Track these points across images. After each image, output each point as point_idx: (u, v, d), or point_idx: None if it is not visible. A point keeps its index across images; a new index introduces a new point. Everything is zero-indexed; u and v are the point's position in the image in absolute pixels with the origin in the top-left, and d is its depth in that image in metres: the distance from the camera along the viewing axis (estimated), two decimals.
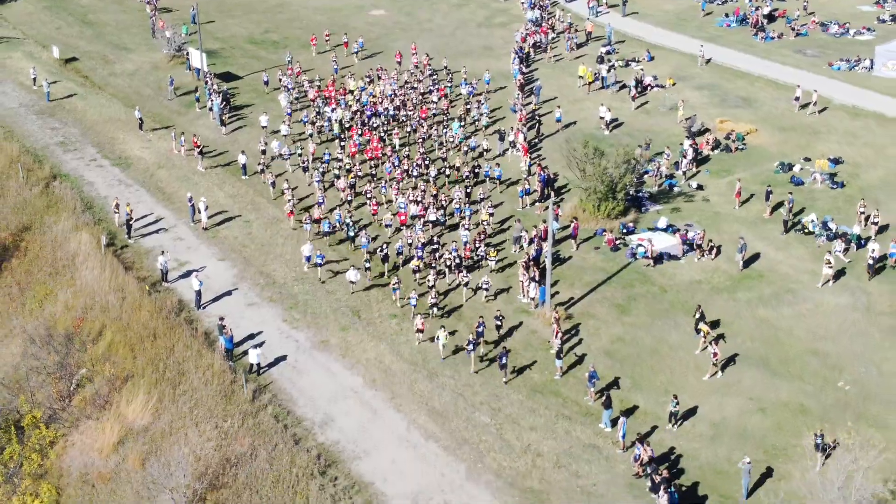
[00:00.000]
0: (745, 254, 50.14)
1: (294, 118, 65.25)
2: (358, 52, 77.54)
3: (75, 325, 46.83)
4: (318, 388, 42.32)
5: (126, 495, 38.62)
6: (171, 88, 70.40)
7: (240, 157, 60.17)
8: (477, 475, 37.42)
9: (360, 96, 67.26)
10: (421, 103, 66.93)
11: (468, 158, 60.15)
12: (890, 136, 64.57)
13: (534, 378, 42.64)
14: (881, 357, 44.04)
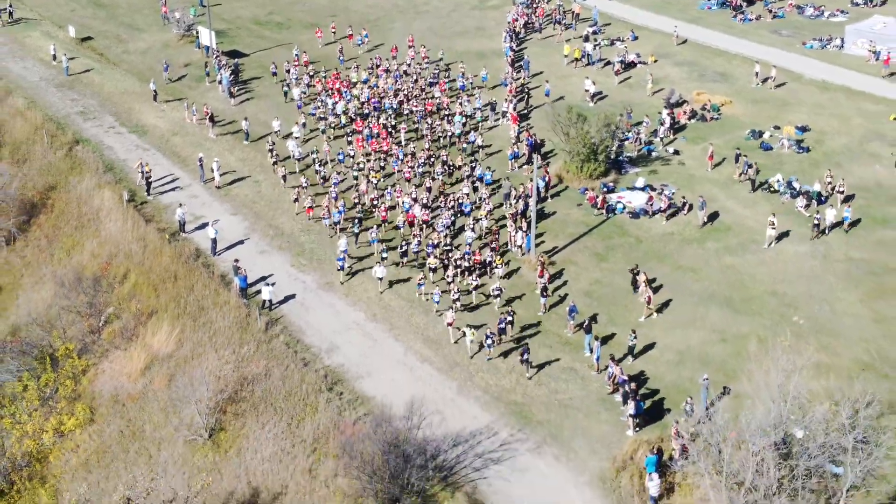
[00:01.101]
0: (706, 211, 54.64)
1: (305, 111, 66.89)
2: (362, 43, 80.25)
3: (102, 269, 51.37)
4: (323, 322, 46.86)
5: (153, 411, 43.25)
6: (165, 74, 73.68)
7: (242, 123, 64.72)
8: (467, 391, 42.04)
9: (363, 89, 68.51)
10: (424, 97, 67.92)
11: (465, 154, 61.55)
12: (855, 108, 69.19)
13: (519, 313, 47.11)
14: (834, 297, 48.57)
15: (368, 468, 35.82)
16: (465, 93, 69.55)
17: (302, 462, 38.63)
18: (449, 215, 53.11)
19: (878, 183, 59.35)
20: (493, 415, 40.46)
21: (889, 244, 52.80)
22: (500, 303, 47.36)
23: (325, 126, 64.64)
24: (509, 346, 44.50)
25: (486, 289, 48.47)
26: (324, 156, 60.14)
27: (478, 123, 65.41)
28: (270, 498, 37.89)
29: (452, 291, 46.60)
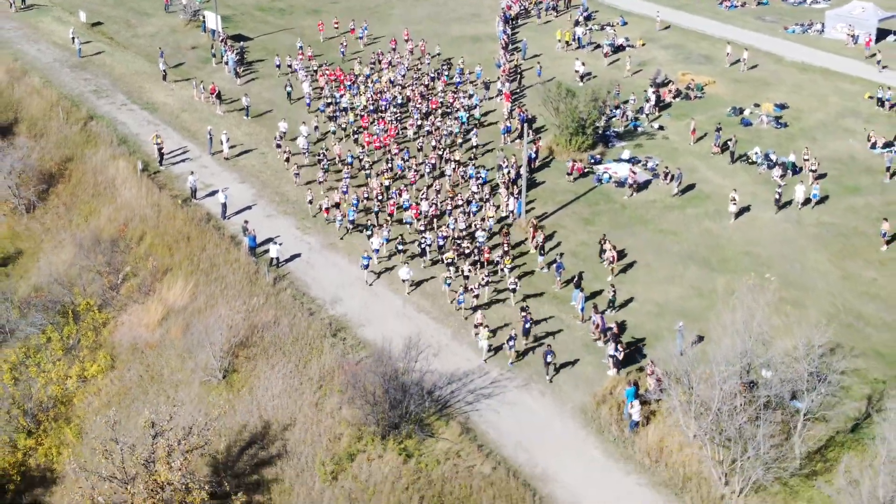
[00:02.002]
0: (682, 182, 58.07)
1: (312, 107, 68.18)
2: (363, 36, 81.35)
3: (119, 231, 54.74)
4: (327, 278, 50.30)
5: (170, 357, 46.67)
6: (161, 60, 75.85)
7: (243, 99, 68.10)
8: (461, 337, 45.51)
9: (368, 84, 69.85)
10: (429, 94, 68.97)
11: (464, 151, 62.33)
12: (832, 87, 72.70)
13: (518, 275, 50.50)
14: (804, 257, 52.04)
15: (370, 399, 39.20)
16: (461, 88, 70.98)
17: (309, 397, 42.01)
18: (463, 218, 53.15)
19: (851, 156, 62.81)
20: (489, 360, 43.88)
21: (858, 210, 56.26)
22: (517, 298, 47.65)
23: (336, 127, 64.61)
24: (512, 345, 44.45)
25: (494, 286, 49.04)
26: (333, 156, 60.34)
27: (476, 121, 66.11)
28: (280, 429, 41.28)
29: (474, 289, 46.65)
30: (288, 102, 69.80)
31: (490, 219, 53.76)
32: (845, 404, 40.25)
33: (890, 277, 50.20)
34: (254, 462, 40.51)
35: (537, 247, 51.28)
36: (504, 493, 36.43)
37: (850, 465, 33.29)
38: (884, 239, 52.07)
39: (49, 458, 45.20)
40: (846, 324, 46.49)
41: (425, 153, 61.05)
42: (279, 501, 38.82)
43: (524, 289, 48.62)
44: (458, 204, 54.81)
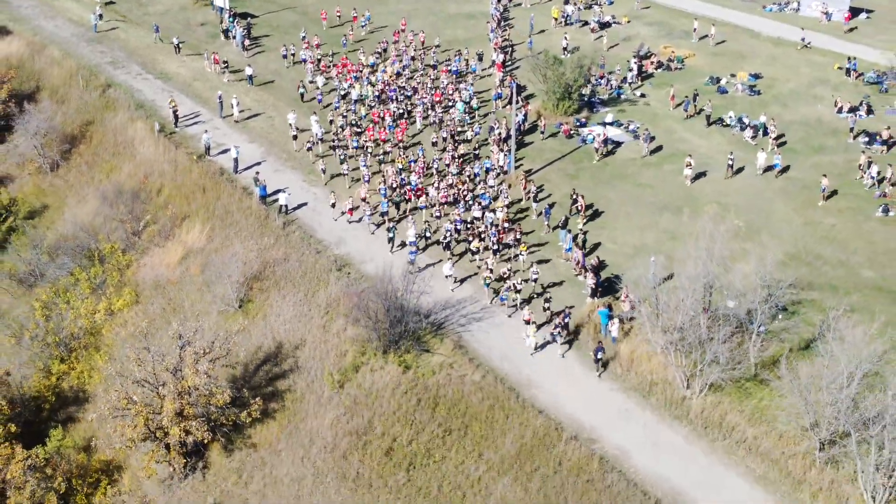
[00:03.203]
0: (651, 143, 62.75)
1: (325, 101, 68.67)
2: (365, 25, 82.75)
3: (140, 183, 59.35)
4: (332, 224, 54.92)
5: (190, 291, 51.34)
6: (156, 35, 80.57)
7: (246, 69, 72.70)
8: (457, 269, 50.12)
9: (376, 75, 70.76)
10: (433, 86, 69.74)
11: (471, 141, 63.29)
12: (804, 60, 77.41)
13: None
14: (771, 207, 56.70)
15: (373, 318, 43.89)
16: (459, 77, 72.45)
17: (317, 321, 46.72)
18: (478, 207, 54.22)
19: (819, 119, 67.51)
20: (477, 287, 48.58)
21: (822, 166, 60.92)
22: (538, 289, 48.20)
23: (345, 123, 64.32)
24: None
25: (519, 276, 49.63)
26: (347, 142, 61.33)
27: (475, 112, 67.27)
28: (292, 348, 45.99)
29: (514, 283, 47.14)
30: (301, 102, 69.39)
31: (501, 209, 54.18)
32: (800, 328, 44.84)
33: (847, 224, 54.84)
34: (269, 376, 45.20)
35: (530, 195, 55.89)
36: (491, 396, 41.10)
37: (793, 360, 37.99)
38: (823, 194, 56.52)
39: (81, 381, 49.81)
40: (806, 262, 51.10)
41: (438, 145, 62.18)
42: (292, 408, 43.47)
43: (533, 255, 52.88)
44: (467, 192, 55.65)
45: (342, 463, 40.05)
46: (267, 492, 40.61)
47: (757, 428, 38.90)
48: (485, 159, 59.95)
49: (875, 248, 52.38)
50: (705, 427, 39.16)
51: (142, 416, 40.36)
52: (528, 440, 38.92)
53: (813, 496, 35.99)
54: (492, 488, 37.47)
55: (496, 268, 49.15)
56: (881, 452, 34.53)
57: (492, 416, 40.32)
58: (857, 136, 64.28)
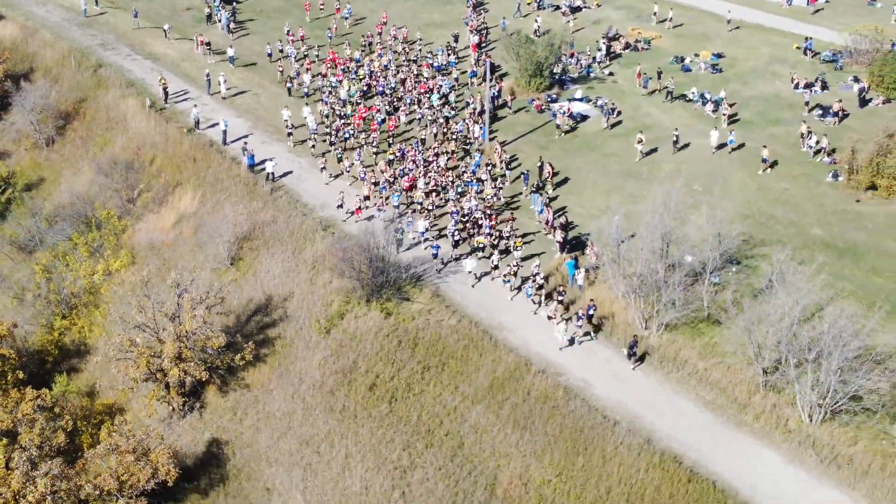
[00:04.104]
0: (611, 118, 66.49)
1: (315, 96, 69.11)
2: (348, 17, 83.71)
3: (134, 153, 62.58)
4: (317, 190, 58.32)
5: (184, 251, 54.70)
6: (136, 20, 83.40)
7: (228, 50, 75.81)
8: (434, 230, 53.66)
9: (360, 68, 71.60)
10: (416, 79, 70.66)
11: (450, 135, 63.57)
12: (764, 41, 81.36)
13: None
14: (728, 175, 60.44)
15: (357, 269, 47.43)
16: (440, 72, 73.34)
17: (304, 275, 50.23)
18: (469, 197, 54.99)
19: (776, 94, 71.44)
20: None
21: (777, 137, 64.78)
22: (538, 284, 48.12)
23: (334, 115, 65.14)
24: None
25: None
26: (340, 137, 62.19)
27: (456, 106, 67.87)
28: (281, 300, 49.48)
29: (535, 281, 47.51)
30: (288, 97, 70.03)
31: (490, 196, 55.46)
32: (751, 278, 48.69)
33: (799, 188, 58.73)
34: (260, 325, 48.69)
35: (504, 163, 59.56)
36: (466, 337, 44.76)
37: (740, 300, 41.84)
38: (764, 164, 60.24)
39: (82, 335, 53.11)
40: (759, 222, 54.95)
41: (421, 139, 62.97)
42: (282, 352, 46.99)
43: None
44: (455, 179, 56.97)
45: (329, 398, 43.58)
46: (260, 425, 44.08)
47: (707, 361, 42.70)
48: (474, 152, 61.36)
49: (824, 210, 56.27)
50: (661, 361, 42.90)
51: (144, 357, 43.74)
52: (499, 374, 42.56)
53: (756, 418, 39.79)
54: (466, 416, 41.10)
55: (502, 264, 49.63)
56: (816, 375, 38.36)
57: (466, 354, 43.95)
58: (812, 109, 68.15)
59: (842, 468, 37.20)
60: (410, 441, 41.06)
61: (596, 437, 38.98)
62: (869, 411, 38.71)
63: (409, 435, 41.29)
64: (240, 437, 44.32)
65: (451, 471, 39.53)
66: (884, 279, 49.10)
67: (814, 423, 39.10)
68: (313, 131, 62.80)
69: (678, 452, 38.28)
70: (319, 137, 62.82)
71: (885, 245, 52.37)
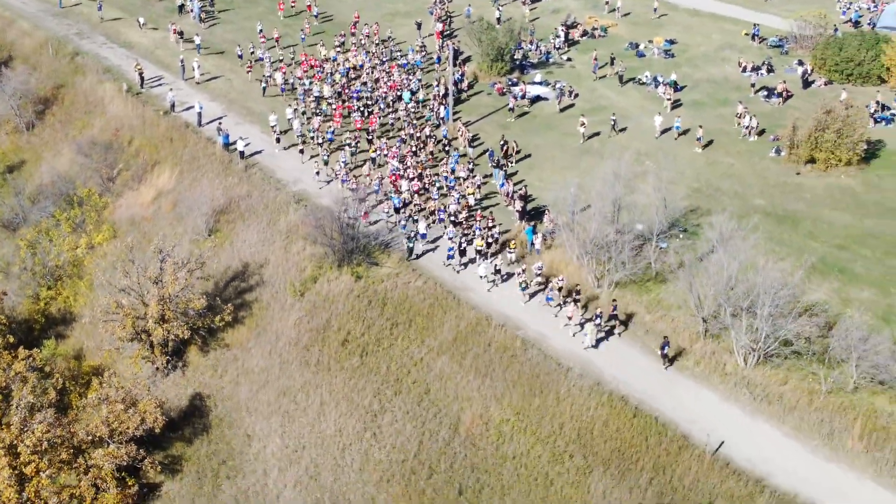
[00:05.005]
0: (563, 99, 70.13)
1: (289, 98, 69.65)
2: (318, 15, 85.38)
3: (113, 135, 65.41)
4: (289, 167, 61.35)
5: (163, 224, 57.65)
6: (100, 13, 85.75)
7: (195, 38, 78.50)
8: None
9: (336, 68, 72.22)
10: (388, 80, 71.17)
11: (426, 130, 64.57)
12: (717, 28, 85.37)
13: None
14: (677, 151, 64.11)
15: (329, 236, 50.67)
16: (407, 71, 74.13)
17: (279, 244, 53.41)
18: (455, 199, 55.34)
19: (725, 77, 75.42)
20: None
21: (725, 117, 68.65)
22: (540, 280, 49.19)
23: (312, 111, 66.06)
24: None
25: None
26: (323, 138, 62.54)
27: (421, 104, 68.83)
28: (257, 267, 52.63)
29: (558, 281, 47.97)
30: (262, 97, 70.64)
31: (472, 195, 56.16)
32: (697, 245, 52.37)
33: (745, 163, 62.58)
34: (238, 290, 51.83)
35: (468, 141, 63.02)
36: (432, 296, 48.17)
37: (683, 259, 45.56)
38: (699, 142, 63.89)
39: (67, 304, 55.92)
40: (707, 194, 58.71)
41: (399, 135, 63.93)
42: (259, 314, 50.17)
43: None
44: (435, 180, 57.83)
45: (304, 353, 46.85)
46: (240, 380, 47.27)
47: (653, 315, 46.41)
48: (453, 151, 62.47)
49: (767, 182, 60.14)
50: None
51: (129, 318, 46.74)
52: (462, 329, 46.01)
53: (696, 363, 43.50)
54: (432, 366, 44.54)
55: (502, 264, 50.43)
56: (750, 323, 42.14)
57: (432, 311, 47.37)
58: (758, 91, 72.19)
59: (773, 404, 40.88)
60: (380, 389, 44.39)
61: (550, 382, 42.47)
62: (798, 354, 42.43)
63: (379, 384, 44.61)
64: (221, 391, 47.42)
65: (418, 413, 42.90)
66: (819, 243, 52.96)
67: (748, 367, 42.84)
68: (299, 134, 63.12)
69: (625, 393, 41.85)
70: (309, 139, 63.02)
71: (821, 213, 56.27)
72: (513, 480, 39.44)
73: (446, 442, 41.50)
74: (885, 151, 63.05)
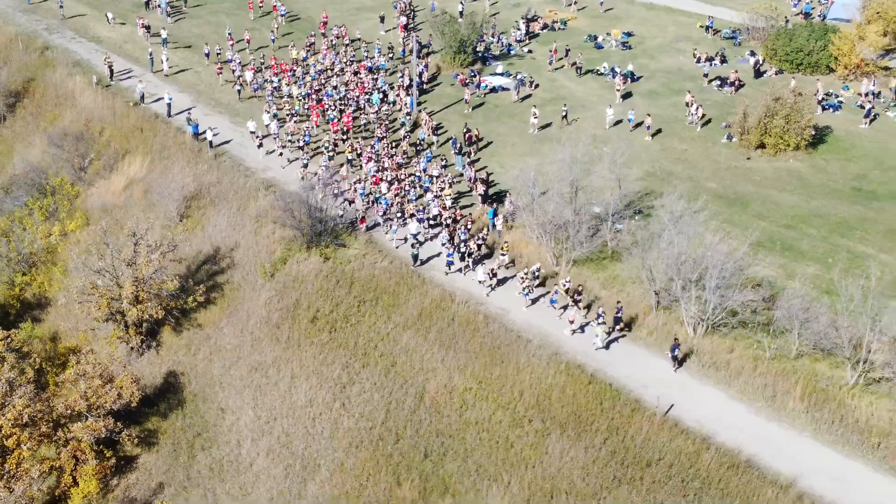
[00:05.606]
0: (525, 89, 72.39)
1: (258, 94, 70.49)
2: (285, 14, 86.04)
3: (84, 126, 66.83)
4: (257, 155, 63.07)
5: (135, 211, 59.11)
6: (61, 11, 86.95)
7: (162, 32, 79.91)
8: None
9: (307, 69, 72.92)
10: (357, 81, 71.67)
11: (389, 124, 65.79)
12: (672, 20, 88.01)
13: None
14: (634, 137, 66.41)
15: (297, 219, 52.53)
16: (373, 72, 74.13)
17: (249, 228, 55.20)
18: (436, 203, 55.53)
19: (680, 68, 78.00)
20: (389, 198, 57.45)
21: (679, 106, 71.09)
22: (535, 283, 49.11)
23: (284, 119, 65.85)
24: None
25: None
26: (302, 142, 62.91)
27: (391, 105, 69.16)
28: (228, 250, 54.40)
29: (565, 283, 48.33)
30: (241, 104, 70.56)
31: (448, 196, 56.54)
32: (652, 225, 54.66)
33: (698, 149, 65.07)
34: (210, 273, 53.60)
35: (432, 129, 65.05)
36: (397, 275, 50.18)
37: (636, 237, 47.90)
38: (648, 131, 66.29)
39: (42, 290, 57.40)
40: (661, 178, 61.06)
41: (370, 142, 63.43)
42: (231, 295, 51.98)
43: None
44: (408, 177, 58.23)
45: (275, 331, 48.74)
46: (213, 357, 49.08)
47: (609, 290, 48.72)
48: (427, 150, 62.99)
49: (719, 167, 62.68)
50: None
51: (105, 298, 48.39)
52: (427, 305, 48.08)
53: (649, 333, 45.83)
54: (398, 340, 46.59)
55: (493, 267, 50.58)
56: (699, 294, 44.55)
57: (398, 289, 49.40)
58: (711, 81, 74.81)
59: (720, 370, 43.28)
60: (349, 362, 46.36)
61: (511, 352, 44.63)
62: (744, 324, 44.90)
63: (347, 357, 46.58)
64: (194, 368, 49.19)
65: (385, 384, 44.93)
66: (767, 223, 55.49)
67: (697, 336, 45.25)
68: (275, 135, 63.33)
69: (582, 362, 44.09)
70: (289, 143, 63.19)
71: (770, 195, 58.83)
72: (475, 444, 41.51)
73: (412, 410, 43.53)
74: (833, 137, 65.71)
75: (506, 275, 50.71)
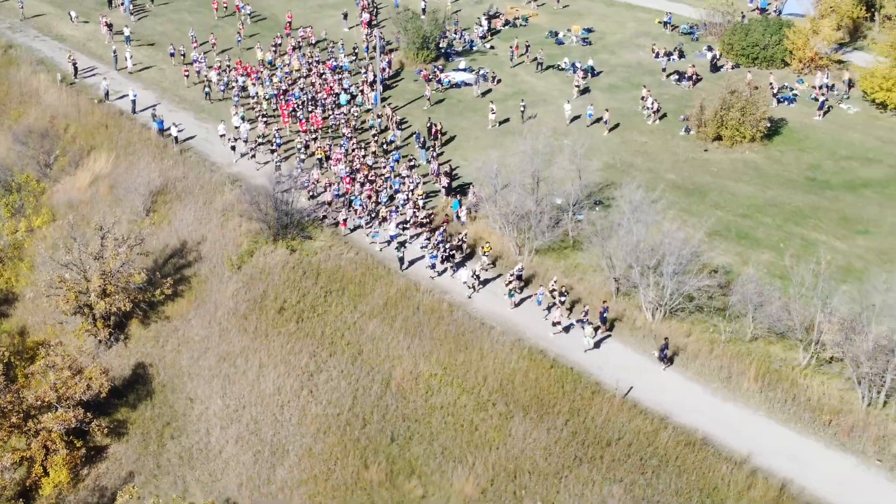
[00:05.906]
0: (481, 84, 73.49)
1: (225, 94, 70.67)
2: (251, 14, 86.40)
3: (49, 123, 67.08)
4: (223, 151, 63.72)
5: (101, 207, 59.57)
6: (21, 10, 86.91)
7: (125, 29, 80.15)
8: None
9: (273, 72, 73.05)
10: (323, 82, 71.79)
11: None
12: (631, 16, 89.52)
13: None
14: (593, 131, 67.76)
15: (264, 212, 53.26)
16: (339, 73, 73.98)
17: (216, 221, 55.82)
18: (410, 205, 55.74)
19: (639, 63, 79.46)
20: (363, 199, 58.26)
21: (638, 99, 72.59)
22: (519, 285, 49.17)
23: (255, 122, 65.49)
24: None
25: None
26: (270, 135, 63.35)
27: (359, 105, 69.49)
28: (195, 244, 54.99)
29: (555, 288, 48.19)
30: (208, 102, 70.90)
31: (420, 196, 56.74)
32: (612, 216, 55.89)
33: (656, 141, 66.47)
34: (177, 266, 54.16)
35: (395, 124, 65.97)
36: (363, 266, 51.09)
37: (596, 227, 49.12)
38: (606, 125, 67.63)
39: (9, 285, 57.64)
40: (621, 170, 62.34)
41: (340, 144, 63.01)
42: (198, 287, 52.59)
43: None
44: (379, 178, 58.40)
45: (243, 321, 49.46)
46: (181, 349, 49.71)
47: (571, 278, 49.91)
48: (393, 150, 63.07)
49: (677, 158, 64.12)
50: (531, 279, 49.84)
51: (72, 291, 48.86)
52: (392, 294, 49.03)
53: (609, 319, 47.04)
54: (364, 328, 47.49)
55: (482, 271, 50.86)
56: (657, 280, 45.84)
57: (364, 280, 50.30)
58: (670, 75, 76.36)
59: (677, 354, 44.59)
60: (316, 351, 47.20)
61: (475, 339, 45.69)
62: (700, 309, 46.25)
63: (314, 346, 47.41)
64: (163, 359, 49.78)
65: (351, 372, 45.81)
66: (724, 212, 56.94)
67: (656, 321, 46.57)
68: (244, 138, 63.09)
69: (543, 348, 45.25)
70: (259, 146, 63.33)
71: (726, 185, 60.31)
72: (441, 427, 42.52)
73: (379, 396, 44.45)
74: (787, 129, 67.37)
75: (487, 276, 51.08)
